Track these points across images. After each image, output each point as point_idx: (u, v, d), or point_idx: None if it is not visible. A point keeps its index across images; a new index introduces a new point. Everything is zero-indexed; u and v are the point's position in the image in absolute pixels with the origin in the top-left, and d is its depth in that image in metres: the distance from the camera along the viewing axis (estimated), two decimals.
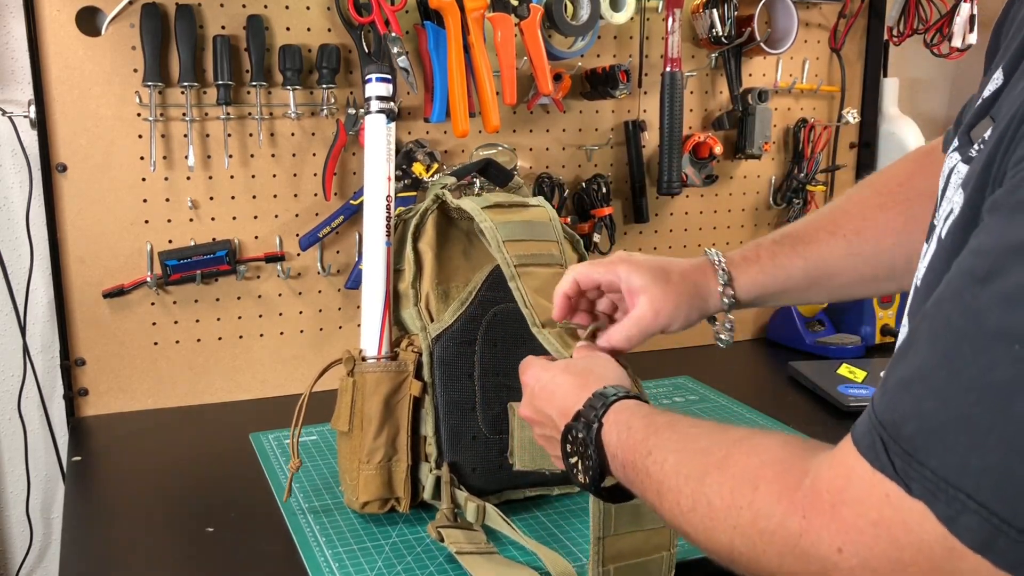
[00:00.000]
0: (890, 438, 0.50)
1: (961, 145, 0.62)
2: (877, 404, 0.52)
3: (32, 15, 1.30)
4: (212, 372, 1.48)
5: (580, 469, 0.76)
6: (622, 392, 0.76)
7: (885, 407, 0.51)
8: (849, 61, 1.80)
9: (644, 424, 0.71)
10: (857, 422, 0.54)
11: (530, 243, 0.99)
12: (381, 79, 1.05)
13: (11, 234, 1.43)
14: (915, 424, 0.49)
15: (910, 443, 0.48)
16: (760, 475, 0.58)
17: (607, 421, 0.74)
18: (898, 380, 0.51)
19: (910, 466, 0.48)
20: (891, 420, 0.50)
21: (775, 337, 1.80)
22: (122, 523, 1.09)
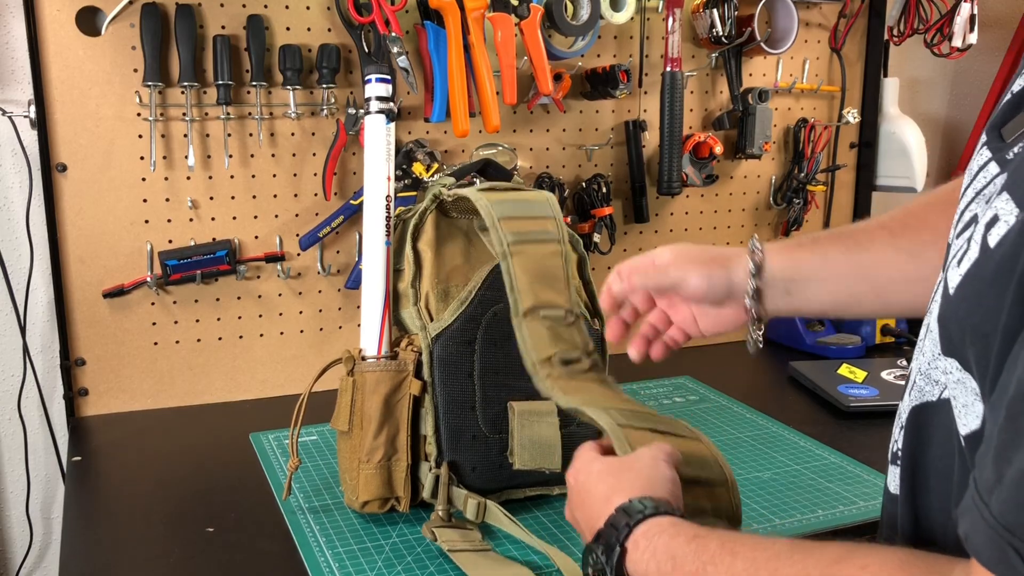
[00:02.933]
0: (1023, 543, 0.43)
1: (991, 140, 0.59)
2: (996, 507, 0.45)
3: (32, 15, 1.30)
4: (212, 372, 1.48)
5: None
6: (650, 507, 0.65)
7: (1008, 509, 0.44)
8: (849, 61, 1.80)
9: (693, 551, 0.60)
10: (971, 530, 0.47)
11: (526, 220, 0.97)
12: (381, 79, 1.05)
13: (11, 234, 1.43)
14: None
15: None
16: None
17: (634, 546, 0.63)
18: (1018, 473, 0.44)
19: None
20: (1020, 522, 0.43)
21: (775, 337, 1.80)
22: (122, 523, 1.09)
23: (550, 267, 0.97)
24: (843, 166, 1.83)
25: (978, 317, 0.52)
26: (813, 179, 1.78)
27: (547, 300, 0.94)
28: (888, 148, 1.84)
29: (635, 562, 0.63)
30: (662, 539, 0.62)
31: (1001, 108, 0.60)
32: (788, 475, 1.18)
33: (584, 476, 0.74)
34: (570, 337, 0.93)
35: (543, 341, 0.91)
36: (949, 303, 0.57)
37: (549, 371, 0.89)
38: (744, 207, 1.79)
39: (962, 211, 0.59)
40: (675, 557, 0.60)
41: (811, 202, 1.79)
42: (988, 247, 0.52)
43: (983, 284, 0.52)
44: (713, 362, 1.65)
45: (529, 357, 0.91)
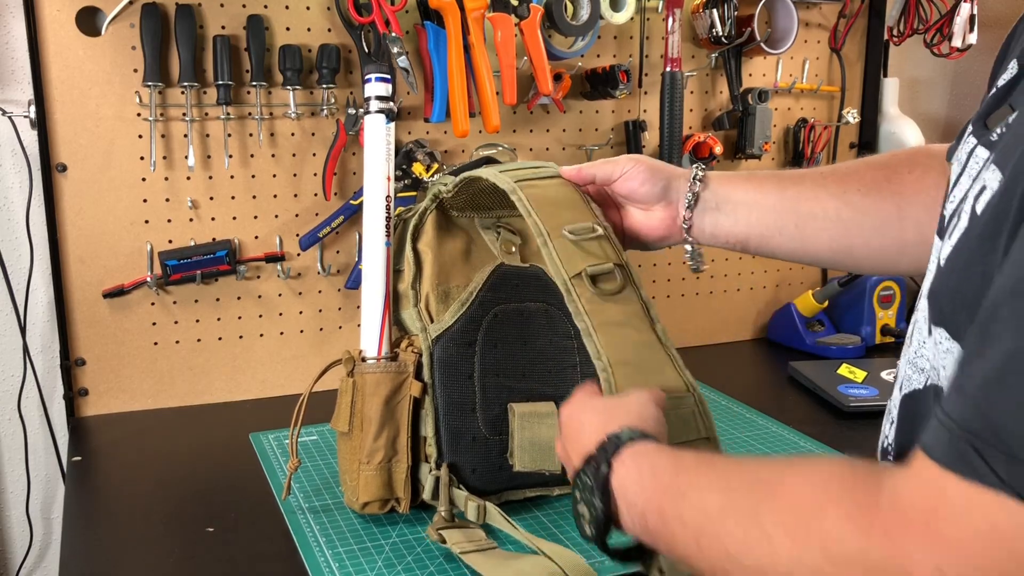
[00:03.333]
0: (985, 443, 0.44)
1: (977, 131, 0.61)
2: (956, 412, 0.47)
3: (32, 15, 1.30)
4: (212, 372, 1.48)
5: (587, 519, 0.69)
6: (638, 434, 0.69)
7: (968, 412, 0.46)
8: (849, 61, 1.80)
9: (671, 464, 0.64)
10: (926, 437, 0.49)
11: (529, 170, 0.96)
12: (381, 79, 1.05)
13: (11, 234, 1.43)
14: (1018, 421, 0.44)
15: (1014, 444, 0.43)
16: (825, 497, 0.51)
17: (620, 464, 0.67)
18: (982, 379, 0.46)
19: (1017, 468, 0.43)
20: (983, 424, 0.45)
21: (775, 337, 1.80)
22: (122, 523, 1.09)
23: (565, 194, 0.94)
24: None
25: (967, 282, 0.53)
26: None
27: (569, 219, 0.90)
28: (888, 148, 1.83)
29: (619, 477, 0.67)
30: (646, 458, 0.67)
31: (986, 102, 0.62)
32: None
33: (578, 411, 0.78)
34: (599, 251, 0.88)
35: (573, 257, 0.86)
36: (940, 275, 0.58)
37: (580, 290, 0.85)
38: None
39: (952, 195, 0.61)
40: (655, 468, 0.65)
41: None
42: (976, 214, 0.53)
43: (971, 248, 0.53)
44: (713, 362, 1.65)
45: (560, 275, 0.85)
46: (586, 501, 0.69)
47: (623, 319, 0.85)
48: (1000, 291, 0.47)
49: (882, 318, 1.73)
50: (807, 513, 0.52)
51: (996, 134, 0.57)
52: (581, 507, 0.70)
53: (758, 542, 0.54)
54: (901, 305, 1.74)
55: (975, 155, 0.59)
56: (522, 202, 0.90)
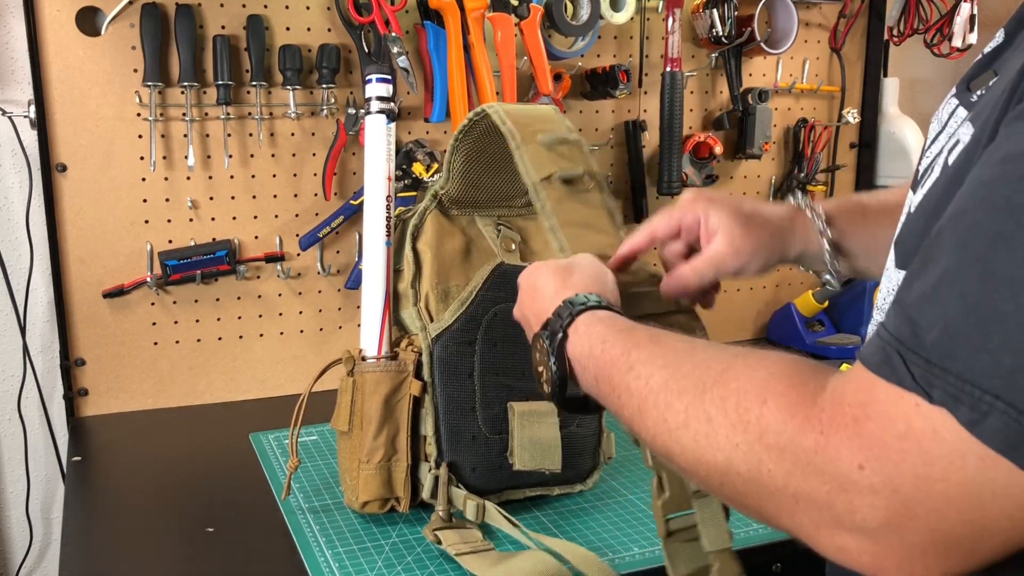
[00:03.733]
0: (908, 350, 0.48)
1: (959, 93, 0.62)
2: (890, 323, 0.50)
3: (32, 15, 1.30)
4: (212, 372, 1.48)
5: (544, 379, 0.73)
6: (593, 300, 0.72)
7: (901, 322, 0.49)
8: (849, 61, 1.80)
9: (623, 338, 0.67)
10: (863, 347, 0.52)
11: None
12: (381, 79, 1.05)
13: (11, 234, 1.43)
14: (938, 330, 0.47)
15: (932, 351, 0.47)
16: (768, 388, 0.54)
17: (574, 332, 0.70)
18: (917, 294, 0.49)
19: (931, 373, 0.46)
20: (909, 333, 0.48)
21: (775, 337, 1.80)
22: (122, 523, 1.09)
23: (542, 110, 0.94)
24: (843, 166, 1.83)
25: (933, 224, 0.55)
26: (813, 179, 1.78)
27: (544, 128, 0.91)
28: (888, 148, 1.84)
29: (574, 345, 0.70)
30: (599, 327, 0.69)
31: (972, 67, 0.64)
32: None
33: (535, 275, 0.79)
34: (571, 155, 0.89)
35: (543, 161, 0.87)
36: (908, 221, 0.61)
37: (549, 191, 0.86)
38: None
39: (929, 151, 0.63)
40: (606, 341, 0.67)
41: None
42: (947, 166, 0.56)
43: (938, 196, 0.56)
44: None
45: (529, 178, 0.86)
46: (543, 363, 0.72)
47: (589, 220, 0.87)
48: (944, 218, 0.50)
49: None
50: (749, 401, 0.54)
51: (976, 95, 0.59)
52: (540, 368, 0.73)
53: (697, 421, 0.56)
54: None
55: (955, 115, 0.61)
56: (497, 113, 0.92)
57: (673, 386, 0.59)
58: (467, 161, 1.05)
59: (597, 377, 0.67)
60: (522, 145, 0.88)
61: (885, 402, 0.48)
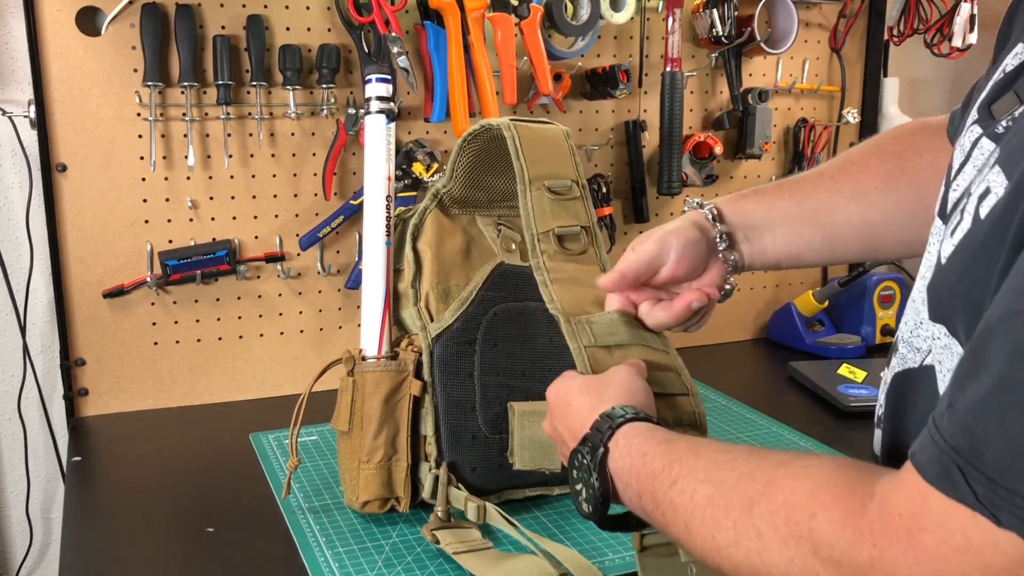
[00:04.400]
0: (968, 464, 0.46)
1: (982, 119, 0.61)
2: (946, 429, 0.48)
3: (32, 15, 1.30)
4: (212, 372, 1.48)
5: (583, 498, 0.71)
6: (631, 413, 0.71)
7: (957, 432, 0.47)
8: (849, 61, 1.80)
9: (663, 451, 0.66)
10: (917, 448, 0.50)
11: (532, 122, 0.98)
12: (381, 79, 1.05)
13: (11, 234, 1.43)
14: (1000, 447, 0.45)
15: (994, 468, 0.45)
16: (816, 500, 0.53)
17: (615, 446, 0.69)
18: (972, 402, 0.47)
19: (996, 494, 0.45)
20: (968, 445, 0.46)
21: (775, 337, 1.80)
22: (122, 523, 1.09)
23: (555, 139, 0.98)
24: None
25: (968, 285, 0.54)
26: None
27: (552, 169, 0.95)
28: None
29: (615, 460, 0.69)
30: (638, 440, 0.68)
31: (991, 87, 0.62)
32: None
33: (565, 391, 0.79)
34: (574, 210, 0.95)
35: (545, 213, 0.93)
36: (941, 272, 0.59)
37: (545, 246, 0.92)
38: None
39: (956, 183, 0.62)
40: (647, 455, 0.66)
41: None
42: (979, 218, 0.54)
43: (974, 254, 0.54)
44: (713, 362, 1.65)
45: (529, 230, 0.92)
46: (584, 481, 0.71)
47: (580, 276, 0.91)
48: (994, 316, 0.48)
49: (882, 318, 1.73)
50: (799, 514, 0.53)
51: (1002, 126, 0.57)
52: (579, 486, 0.72)
53: (748, 538, 0.56)
54: (901, 305, 1.74)
55: (980, 145, 0.59)
56: (513, 140, 0.94)
57: (719, 501, 0.59)
58: (472, 163, 1.05)
59: (640, 492, 0.66)
60: (529, 189, 0.92)
61: (940, 513, 0.47)
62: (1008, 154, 0.53)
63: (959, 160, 0.63)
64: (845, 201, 0.86)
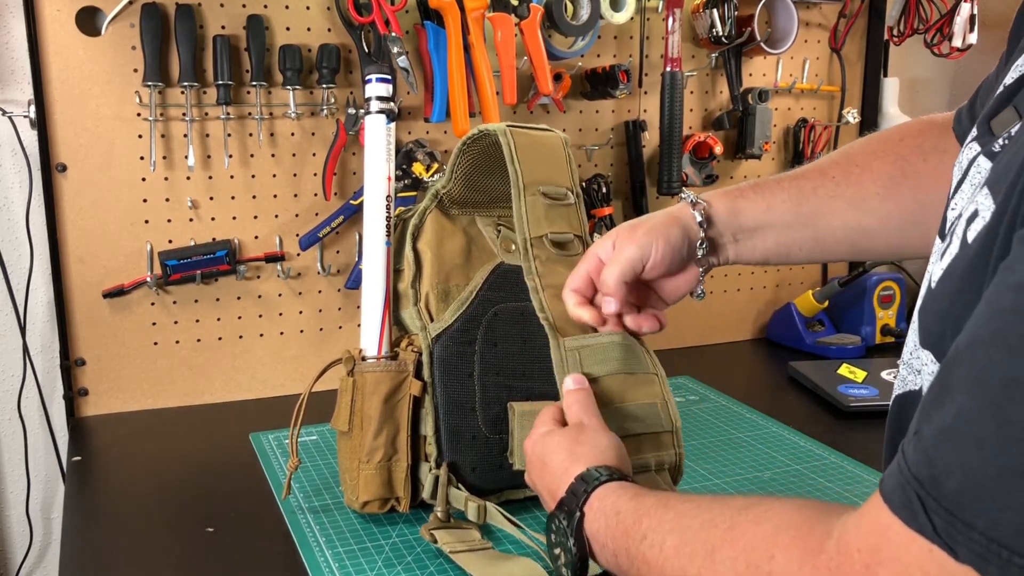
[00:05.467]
0: (928, 495, 0.46)
1: (981, 135, 0.60)
2: (910, 457, 0.48)
3: (32, 15, 1.30)
4: (212, 372, 1.48)
5: (563, 562, 0.72)
6: (605, 474, 0.73)
7: (920, 461, 0.47)
8: (849, 61, 1.80)
9: (633, 507, 0.67)
10: (886, 475, 0.50)
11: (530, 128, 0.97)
12: (381, 79, 1.05)
13: (11, 234, 1.43)
14: (958, 479, 0.44)
15: (953, 501, 0.44)
16: (775, 542, 0.54)
17: (589, 509, 0.71)
18: (935, 431, 0.47)
19: (954, 527, 0.44)
20: (929, 476, 0.46)
21: (775, 337, 1.80)
22: (122, 523, 1.09)
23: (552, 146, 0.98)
24: None
25: (958, 310, 0.54)
26: None
27: (547, 176, 0.95)
28: None
29: (590, 522, 0.71)
30: (611, 499, 0.70)
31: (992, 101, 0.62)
32: (788, 475, 1.18)
33: (541, 447, 0.81)
34: (568, 216, 0.96)
35: (539, 218, 0.93)
36: (931, 296, 0.60)
37: (538, 251, 0.93)
38: None
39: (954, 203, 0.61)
40: (619, 512, 0.68)
41: None
42: (967, 242, 0.54)
43: (961, 279, 0.55)
44: (713, 362, 1.65)
45: (522, 234, 0.93)
46: (561, 545, 0.73)
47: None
48: (962, 342, 0.48)
49: (882, 318, 1.73)
50: (758, 557, 0.54)
51: (999, 144, 0.57)
52: (556, 550, 0.74)
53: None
54: (901, 305, 1.74)
55: (977, 164, 0.59)
56: (508, 146, 0.94)
57: (684, 551, 0.60)
58: (471, 167, 1.05)
59: (616, 551, 0.68)
60: (524, 194, 0.93)
61: (898, 546, 0.47)
62: (997, 176, 0.53)
63: (957, 178, 0.62)
64: (844, 205, 0.85)
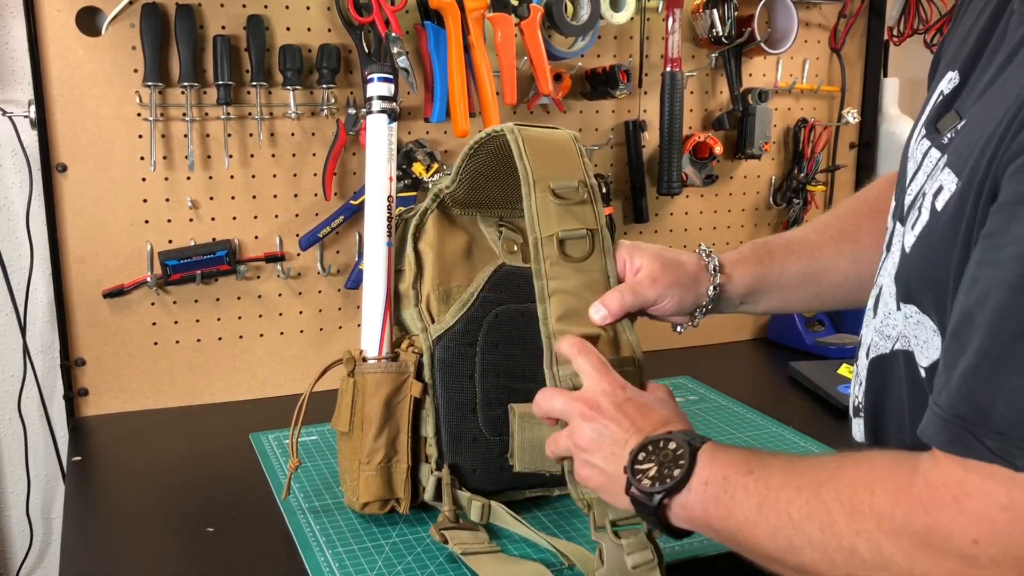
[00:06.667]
0: (976, 425, 0.52)
1: (929, 133, 0.70)
2: (944, 401, 0.55)
3: (32, 15, 1.30)
4: (212, 372, 1.48)
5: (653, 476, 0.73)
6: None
7: (957, 400, 0.54)
8: (849, 61, 1.80)
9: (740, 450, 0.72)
10: (925, 426, 0.57)
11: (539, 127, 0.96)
12: (383, 79, 1.05)
13: (11, 234, 1.43)
14: (1004, 404, 0.51)
15: (1003, 423, 0.51)
16: (873, 478, 0.59)
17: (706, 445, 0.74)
18: (965, 373, 0.54)
19: (1010, 444, 0.51)
20: (970, 410, 0.53)
21: (775, 337, 1.80)
22: (122, 523, 1.09)
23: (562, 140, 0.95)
24: (843, 166, 1.83)
25: (933, 267, 0.63)
26: (813, 179, 1.78)
27: (558, 169, 0.92)
28: (888, 148, 1.84)
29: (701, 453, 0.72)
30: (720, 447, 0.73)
31: (934, 107, 0.72)
32: None
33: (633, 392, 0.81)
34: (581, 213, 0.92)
35: (550, 215, 0.90)
36: (906, 260, 0.68)
37: (549, 252, 0.89)
38: (744, 207, 1.79)
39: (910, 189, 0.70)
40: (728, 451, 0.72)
41: (811, 202, 1.79)
42: (936, 210, 0.63)
43: (934, 240, 0.63)
44: (713, 362, 1.65)
45: (532, 233, 0.90)
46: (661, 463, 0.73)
47: (579, 289, 0.89)
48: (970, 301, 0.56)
49: None
50: (860, 493, 0.59)
51: (947, 138, 0.66)
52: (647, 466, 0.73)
53: (819, 512, 0.61)
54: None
55: (929, 155, 0.68)
56: (517, 143, 0.92)
57: (791, 483, 0.65)
58: (477, 171, 1.03)
59: (709, 480, 0.70)
60: (534, 191, 0.90)
61: (979, 478, 0.53)
62: (955, 158, 0.62)
63: (912, 169, 0.71)
64: (846, 262, 0.94)
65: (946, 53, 0.78)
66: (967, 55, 0.70)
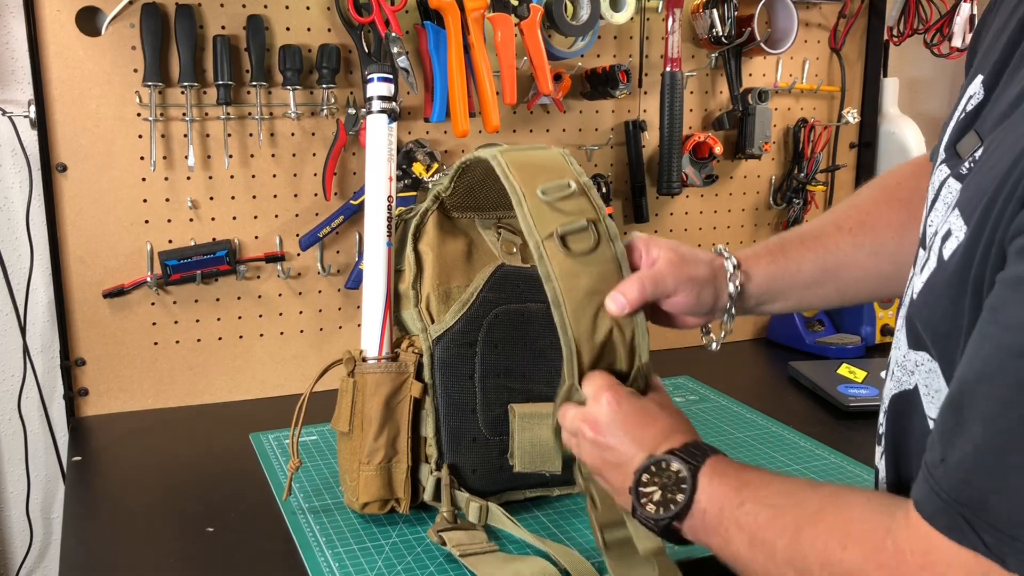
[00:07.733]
0: (974, 515, 0.53)
1: (948, 158, 0.66)
2: (944, 481, 0.55)
3: (32, 15, 1.30)
4: (212, 372, 1.48)
5: (658, 501, 0.73)
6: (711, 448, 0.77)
7: (957, 485, 0.54)
8: (849, 61, 1.80)
9: (736, 474, 0.72)
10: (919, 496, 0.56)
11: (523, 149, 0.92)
12: (383, 79, 1.05)
13: (11, 234, 1.43)
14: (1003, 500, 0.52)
15: (998, 519, 0.52)
16: (848, 532, 0.61)
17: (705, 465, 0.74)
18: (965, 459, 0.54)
19: (1003, 542, 0.51)
20: (971, 497, 0.53)
21: (775, 337, 1.80)
22: (122, 523, 1.09)
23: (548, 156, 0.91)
24: (843, 166, 1.83)
25: (937, 319, 0.62)
26: (813, 179, 1.78)
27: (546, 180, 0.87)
28: (888, 148, 1.84)
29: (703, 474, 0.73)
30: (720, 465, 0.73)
31: (955, 125, 0.67)
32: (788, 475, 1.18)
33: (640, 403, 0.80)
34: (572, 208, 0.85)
35: (545, 218, 0.84)
36: (913, 306, 0.66)
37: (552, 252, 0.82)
38: (744, 207, 1.79)
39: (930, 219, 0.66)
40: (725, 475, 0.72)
41: (811, 202, 1.79)
42: (943, 259, 0.60)
43: (939, 292, 0.61)
44: (713, 362, 1.65)
45: (532, 238, 0.83)
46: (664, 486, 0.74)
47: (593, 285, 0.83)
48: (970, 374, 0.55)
49: (882, 318, 1.73)
50: (833, 546, 0.61)
51: (965, 166, 0.62)
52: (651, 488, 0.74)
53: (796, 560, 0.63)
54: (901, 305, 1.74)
55: (948, 185, 0.64)
56: (500, 166, 0.87)
57: (776, 523, 0.66)
58: (471, 184, 1.04)
59: (706, 510, 0.71)
60: (525, 200, 0.85)
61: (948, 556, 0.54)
62: (967, 199, 0.59)
63: (931, 198, 0.68)
64: (865, 256, 0.90)
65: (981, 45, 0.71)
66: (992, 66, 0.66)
